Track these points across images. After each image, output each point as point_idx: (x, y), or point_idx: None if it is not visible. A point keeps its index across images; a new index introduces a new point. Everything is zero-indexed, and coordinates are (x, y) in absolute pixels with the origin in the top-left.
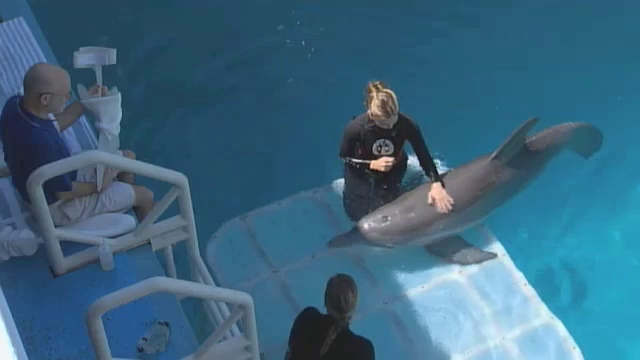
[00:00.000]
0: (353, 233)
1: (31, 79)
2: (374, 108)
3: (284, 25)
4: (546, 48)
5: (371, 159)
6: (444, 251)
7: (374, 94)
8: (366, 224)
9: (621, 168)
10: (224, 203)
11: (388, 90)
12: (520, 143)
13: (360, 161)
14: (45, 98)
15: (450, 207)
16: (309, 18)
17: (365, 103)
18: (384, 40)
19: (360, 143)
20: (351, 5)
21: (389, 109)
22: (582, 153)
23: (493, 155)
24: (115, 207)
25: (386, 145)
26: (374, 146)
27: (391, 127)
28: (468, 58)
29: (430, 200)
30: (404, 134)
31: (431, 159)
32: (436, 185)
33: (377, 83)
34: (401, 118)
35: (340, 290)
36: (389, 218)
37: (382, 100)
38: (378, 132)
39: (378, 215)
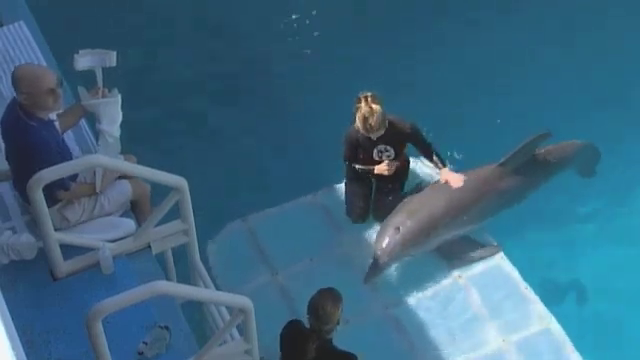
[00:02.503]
0: (375, 263)
1: (13, 80)
2: (357, 121)
3: (285, 28)
4: (548, 48)
5: (373, 164)
6: (455, 252)
7: (361, 105)
8: (383, 246)
9: (621, 173)
10: (224, 206)
11: (375, 105)
12: (529, 154)
13: (364, 167)
14: (25, 98)
15: (463, 181)
16: (310, 21)
17: (354, 112)
18: (385, 43)
19: (361, 149)
20: (353, 9)
21: (368, 126)
22: (582, 172)
23: (500, 162)
24: (114, 206)
25: (387, 151)
26: (374, 152)
27: (375, 139)
28: (469, 61)
29: (443, 182)
30: (400, 139)
31: (434, 151)
32: (444, 170)
33: (368, 95)
34: (393, 125)
35: (320, 301)
36: (400, 228)
37: (363, 116)
38: (373, 139)
39: (389, 230)
